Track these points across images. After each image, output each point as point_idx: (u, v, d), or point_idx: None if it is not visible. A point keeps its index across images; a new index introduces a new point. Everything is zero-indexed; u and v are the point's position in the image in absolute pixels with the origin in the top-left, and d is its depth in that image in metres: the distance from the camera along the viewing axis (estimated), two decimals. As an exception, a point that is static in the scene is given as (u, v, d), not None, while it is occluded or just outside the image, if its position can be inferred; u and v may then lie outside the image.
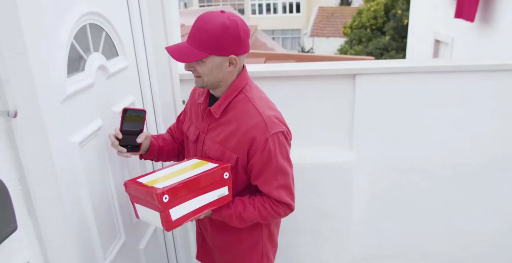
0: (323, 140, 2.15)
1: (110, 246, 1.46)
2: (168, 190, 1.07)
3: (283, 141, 1.25)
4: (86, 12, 1.25)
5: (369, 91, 1.99)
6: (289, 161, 1.30)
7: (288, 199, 1.28)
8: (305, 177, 2.14)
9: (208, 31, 1.14)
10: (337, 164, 2.11)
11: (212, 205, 1.20)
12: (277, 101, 2.09)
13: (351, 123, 2.08)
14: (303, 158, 2.13)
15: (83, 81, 1.25)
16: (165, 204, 1.06)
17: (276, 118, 1.25)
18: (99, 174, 1.38)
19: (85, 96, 1.27)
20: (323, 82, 2.00)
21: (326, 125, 2.12)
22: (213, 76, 1.21)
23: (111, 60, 1.47)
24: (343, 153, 2.15)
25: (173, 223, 1.10)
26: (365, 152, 2.13)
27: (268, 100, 1.33)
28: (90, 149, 1.30)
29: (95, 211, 1.32)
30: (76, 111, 1.22)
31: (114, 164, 1.47)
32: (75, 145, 1.20)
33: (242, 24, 1.18)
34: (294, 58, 4.87)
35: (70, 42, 1.18)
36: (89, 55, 1.31)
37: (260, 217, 1.27)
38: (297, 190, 2.16)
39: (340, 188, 2.17)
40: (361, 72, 1.94)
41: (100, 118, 1.36)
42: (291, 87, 2.03)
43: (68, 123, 1.17)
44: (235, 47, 1.17)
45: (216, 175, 1.18)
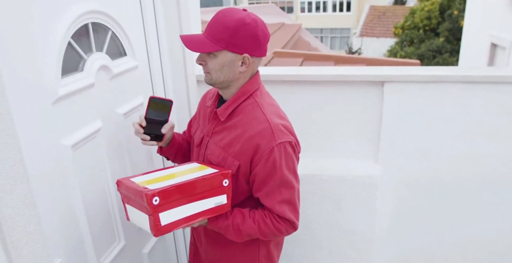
0: (346, 151, 2.00)
1: (107, 250, 1.42)
2: (159, 191, 0.98)
3: (290, 152, 1.15)
4: (86, 10, 1.21)
5: (398, 101, 1.80)
6: (295, 174, 1.20)
7: (292, 215, 1.18)
8: (325, 189, 2.00)
9: (224, 24, 1.09)
10: (360, 178, 1.95)
11: (207, 213, 1.11)
12: (296, 108, 2.00)
13: (378, 134, 1.91)
14: (323, 169, 1.99)
15: (80, 81, 1.21)
16: (155, 207, 0.98)
17: (285, 127, 1.16)
18: (97, 176, 1.33)
19: (83, 97, 1.23)
20: (348, 89, 1.84)
21: (349, 135, 1.96)
22: (223, 74, 1.14)
23: (117, 60, 1.42)
24: (368, 166, 1.98)
25: (161, 228, 1.02)
26: (391, 166, 1.94)
27: (279, 108, 1.24)
28: (86, 151, 1.26)
29: (88, 214, 1.28)
30: (72, 112, 1.18)
31: (115, 165, 1.42)
32: (67, 147, 1.16)
33: (262, 25, 1.13)
34: (333, 59, 4.67)
35: (67, 41, 1.14)
36: (90, 55, 1.27)
37: (260, 232, 1.17)
38: (316, 202, 2.04)
39: (362, 203, 2.00)
40: (390, 80, 1.76)
41: (100, 119, 1.32)
42: (313, 93, 1.89)
43: (60, 125, 1.13)
44: (251, 46, 1.11)
45: (215, 181, 1.10)
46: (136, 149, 1.55)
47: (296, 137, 1.22)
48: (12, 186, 0.87)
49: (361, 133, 1.93)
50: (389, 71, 1.79)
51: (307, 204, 2.05)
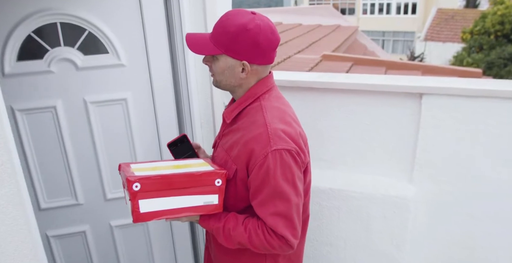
0: (377, 167, 1.83)
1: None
2: (141, 178, 0.99)
3: (287, 161, 1.05)
4: (51, 13, 1.49)
5: (439, 116, 1.60)
6: (294, 186, 1.08)
7: (286, 231, 1.07)
8: (352, 206, 1.85)
9: (226, 28, 1.06)
10: (391, 198, 1.77)
11: (194, 210, 1.08)
12: (325, 117, 1.86)
13: (413, 151, 1.72)
14: (351, 185, 1.85)
15: (35, 66, 1.55)
16: (134, 193, 0.99)
17: (286, 133, 1.07)
18: (49, 140, 1.65)
19: (40, 79, 1.57)
20: (382, 100, 1.68)
21: (382, 150, 1.79)
22: (225, 78, 1.13)
23: (93, 56, 1.60)
24: (400, 185, 1.79)
25: (140, 216, 1.02)
26: (427, 187, 1.74)
27: (285, 112, 1.14)
28: (40, 118, 1.60)
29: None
30: (25, 86, 1.55)
31: (74, 140, 1.67)
32: (19, 111, 1.55)
33: (268, 32, 1.06)
34: (385, 65, 4.39)
35: (25, 35, 1.49)
36: (55, 48, 1.56)
37: (250, 242, 1.10)
38: (342, 219, 1.90)
39: (392, 226, 1.82)
40: (429, 92, 1.57)
41: (61, 100, 1.61)
42: (343, 102, 1.76)
43: (13, 94, 1.52)
44: (251, 54, 1.06)
45: (205, 178, 1.06)
46: (108, 135, 1.73)
47: (300, 145, 1.10)
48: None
49: (395, 149, 1.76)
50: (428, 82, 1.60)
51: (332, 220, 1.92)
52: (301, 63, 4.55)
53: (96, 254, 1.86)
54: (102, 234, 1.83)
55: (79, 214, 1.77)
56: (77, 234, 1.81)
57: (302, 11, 11.50)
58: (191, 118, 1.78)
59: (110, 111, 1.68)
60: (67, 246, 1.82)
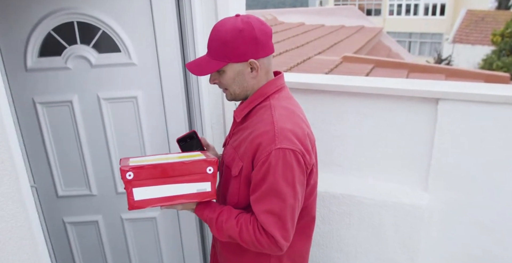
0: (390, 173, 1.77)
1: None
2: (133, 168, 1.04)
3: (290, 161, 1.04)
4: (68, 12, 1.55)
5: (455, 122, 1.53)
6: (293, 188, 1.06)
7: (276, 231, 1.06)
8: (363, 213, 1.80)
9: (221, 39, 1.08)
10: (404, 206, 1.71)
11: (188, 198, 1.11)
12: (338, 119, 1.81)
13: (428, 158, 1.65)
14: (363, 191, 1.80)
15: (54, 62, 1.61)
16: (128, 181, 1.05)
17: (292, 133, 1.07)
18: (67, 132, 1.71)
19: (59, 74, 1.63)
20: (396, 104, 1.62)
21: (396, 156, 1.73)
22: (238, 85, 1.14)
23: (106, 54, 1.63)
24: (414, 193, 1.73)
25: (135, 203, 1.07)
26: (443, 196, 1.67)
27: (294, 113, 1.14)
28: (58, 111, 1.68)
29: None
30: (46, 80, 1.63)
31: (90, 134, 1.72)
32: (40, 104, 1.64)
33: (259, 24, 1.09)
34: (407, 67, 4.26)
35: (47, 32, 1.57)
36: (72, 45, 1.61)
37: (240, 237, 1.10)
38: (352, 226, 1.85)
39: (404, 235, 1.76)
40: (446, 97, 1.50)
41: (77, 95, 1.67)
42: (356, 105, 1.71)
43: (35, 87, 1.62)
44: (253, 50, 1.08)
45: (196, 166, 1.09)
46: (119, 130, 1.75)
47: (307, 146, 1.09)
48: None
49: (409, 156, 1.70)
50: (445, 87, 1.53)
51: (343, 226, 1.87)
52: (321, 65, 4.49)
53: (107, 243, 1.92)
54: (113, 225, 1.89)
55: (92, 204, 1.83)
56: (90, 223, 1.88)
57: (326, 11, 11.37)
58: (201, 119, 1.77)
59: (121, 108, 1.71)
60: (82, 233, 1.90)
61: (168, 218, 1.90)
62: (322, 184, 1.87)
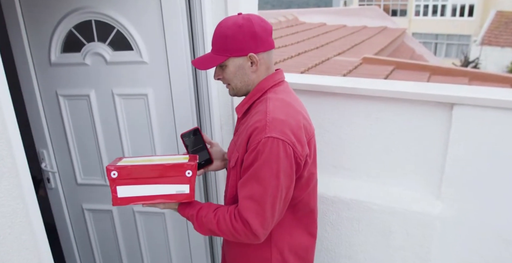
0: (401, 179, 1.71)
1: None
2: (118, 167, 1.13)
3: (278, 151, 1.05)
4: (87, 11, 1.62)
5: (471, 128, 1.47)
6: (276, 178, 1.07)
7: (252, 217, 1.08)
8: (372, 219, 1.76)
9: (222, 34, 1.14)
10: (415, 214, 1.66)
11: (167, 198, 1.17)
12: (347, 122, 1.78)
13: (442, 165, 1.59)
14: (372, 196, 1.75)
15: (74, 58, 1.70)
16: (112, 179, 1.13)
17: (284, 123, 1.08)
18: (84, 124, 1.80)
19: (78, 69, 1.72)
20: (409, 109, 1.57)
21: (407, 162, 1.67)
22: (239, 80, 1.19)
23: (120, 52, 1.67)
24: (426, 201, 1.67)
25: (118, 200, 1.15)
26: (456, 205, 1.60)
27: (290, 104, 1.16)
28: (78, 103, 1.76)
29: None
30: (67, 75, 1.73)
31: (105, 127, 1.78)
32: (62, 96, 1.75)
33: (259, 21, 1.15)
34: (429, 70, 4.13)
35: (68, 30, 1.67)
36: (90, 43, 1.67)
37: (218, 227, 1.14)
38: (361, 232, 1.80)
39: (415, 244, 1.70)
40: (461, 102, 1.43)
41: (94, 89, 1.74)
42: (368, 108, 1.66)
43: (58, 81, 1.73)
44: (252, 44, 1.13)
45: (176, 169, 1.15)
46: (131, 126, 1.80)
47: (300, 137, 1.10)
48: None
49: (422, 162, 1.64)
50: (461, 91, 1.46)
51: (352, 232, 1.83)
52: (339, 66, 4.42)
53: (120, 232, 1.99)
54: (126, 216, 1.94)
55: (107, 194, 1.86)
56: (105, 211, 1.95)
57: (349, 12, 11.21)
58: (210, 120, 1.77)
59: (133, 104, 1.75)
60: (98, 220, 2.00)
61: (176, 213, 1.91)
62: (331, 188, 1.83)
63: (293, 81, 1.78)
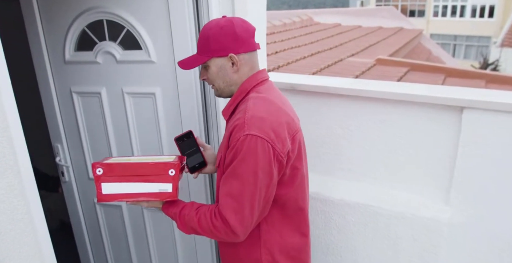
0: (409, 183, 1.68)
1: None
2: (103, 164, 1.17)
3: (255, 148, 1.05)
4: (99, 11, 1.65)
5: (481, 132, 1.42)
6: (254, 174, 1.06)
7: (231, 214, 1.08)
8: (379, 224, 1.73)
9: (204, 35, 1.17)
10: (423, 219, 1.62)
11: (150, 196, 1.19)
12: (355, 125, 1.75)
13: (451, 169, 1.55)
14: (380, 200, 1.72)
15: (86, 56, 1.74)
16: (97, 176, 1.17)
17: (263, 120, 1.08)
18: (96, 121, 1.84)
19: (90, 67, 1.75)
20: (417, 111, 1.53)
21: (416, 166, 1.64)
22: (221, 80, 1.20)
23: (130, 51, 1.69)
24: (435, 206, 1.63)
25: (103, 197, 1.19)
26: (466, 211, 1.56)
27: (272, 102, 1.15)
28: (90, 100, 1.80)
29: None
30: (80, 72, 1.77)
31: (116, 124, 1.81)
32: (75, 93, 1.81)
33: (241, 23, 1.16)
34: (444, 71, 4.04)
35: (81, 29, 1.71)
36: (102, 41, 1.70)
37: (199, 226, 1.14)
38: (368, 236, 1.77)
39: (422, 250, 1.67)
40: (471, 106, 1.39)
41: (105, 87, 1.77)
42: (376, 111, 1.63)
43: (71, 78, 1.78)
44: (233, 45, 1.15)
45: (158, 168, 1.17)
46: (140, 123, 1.81)
47: (280, 134, 1.09)
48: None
49: (430, 166, 1.60)
50: (471, 94, 1.42)
51: (358, 237, 1.80)
52: (352, 67, 4.37)
53: (130, 227, 2.02)
54: (134, 212, 1.97)
55: None
56: (115, 206, 1.98)
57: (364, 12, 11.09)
58: (217, 119, 1.77)
59: (142, 102, 1.78)
60: (109, 215, 2.03)
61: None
62: (337, 191, 1.81)
63: (299, 82, 1.77)
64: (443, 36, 21.38)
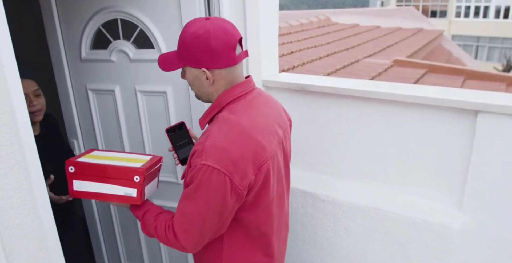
0: (421, 188, 1.64)
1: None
2: (75, 162, 1.23)
3: (209, 179, 1.01)
4: (113, 10, 1.68)
5: (496, 137, 1.38)
6: (206, 204, 1.04)
7: (181, 232, 1.09)
8: (388, 228, 1.69)
9: (182, 39, 1.09)
10: (434, 225, 1.58)
11: (116, 198, 1.24)
12: (366, 127, 1.72)
13: (465, 175, 1.51)
14: (389, 204, 1.69)
15: (101, 55, 1.78)
16: (69, 174, 1.24)
17: (223, 151, 1.02)
18: (110, 118, 1.89)
19: (104, 66, 1.80)
20: (430, 115, 1.50)
21: (428, 170, 1.60)
22: (197, 88, 1.15)
23: (143, 50, 1.71)
24: (447, 212, 1.59)
25: (74, 192, 1.26)
26: (480, 218, 1.51)
27: (240, 130, 1.06)
28: (104, 98, 1.84)
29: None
30: (95, 70, 1.81)
31: (129, 121, 1.86)
32: (90, 91, 1.84)
33: (220, 34, 1.04)
34: (464, 74, 3.94)
35: (97, 27, 1.75)
36: (116, 40, 1.74)
37: (156, 233, 1.17)
38: (377, 241, 1.74)
39: (433, 257, 1.63)
40: (486, 109, 1.35)
41: (119, 85, 1.81)
42: (387, 113, 1.60)
43: (87, 76, 1.83)
44: (207, 60, 1.06)
45: (124, 173, 1.21)
46: (152, 121, 1.84)
47: (241, 167, 1.03)
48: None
49: (443, 171, 1.56)
50: (486, 98, 1.38)
51: (367, 241, 1.77)
52: (368, 68, 4.31)
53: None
54: None
55: None
56: None
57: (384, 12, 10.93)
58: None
59: (153, 101, 1.80)
60: (122, 211, 2.07)
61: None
62: (347, 194, 1.79)
63: (309, 83, 1.75)
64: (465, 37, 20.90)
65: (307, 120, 1.83)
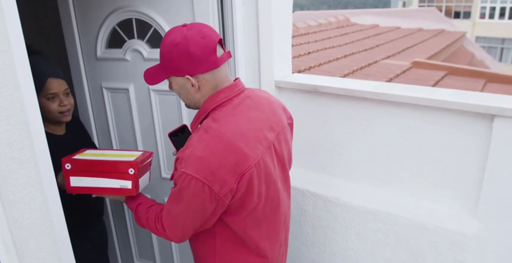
0: (433, 193, 1.60)
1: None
2: (71, 160, 1.29)
3: (187, 187, 1.03)
4: (128, 10, 1.70)
5: (513, 143, 1.33)
6: (187, 209, 1.09)
7: (168, 225, 1.16)
8: (399, 234, 1.66)
9: (161, 51, 1.09)
10: (447, 232, 1.54)
11: (112, 191, 1.31)
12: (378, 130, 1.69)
13: (480, 181, 1.46)
14: (401, 209, 1.65)
15: (116, 54, 1.81)
16: (66, 171, 1.30)
17: (202, 161, 1.02)
18: (124, 116, 1.92)
19: (119, 65, 1.83)
20: (444, 118, 1.46)
21: (442, 175, 1.56)
22: (185, 97, 1.15)
23: (156, 49, 1.71)
24: (460, 219, 1.54)
25: (71, 188, 1.32)
26: (495, 226, 1.47)
27: (220, 140, 1.04)
28: (119, 96, 1.87)
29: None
30: (110, 69, 1.84)
31: (142, 119, 1.89)
32: (105, 89, 1.88)
33: (198, 38, 1.03)
34: (485, 76, 3.83)
35: (112, 27, 1.78)
36: (131, 39, 1.76)
37: (147, 224, 1.24)
38: (388, 246, 1.72)
39: (445, 263, 1.59)
40: (503, 114, 1.30)
41: (133, 84, 1.84)
42: (401, 116, 1.57)
43: (102, 74, 1.85)
44: (189, 66, 1.05)
45: (119, 166, 1.28)
46: (164, 120, 1.86)
47: (221, 176, 1.02)
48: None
49: (457, 176, 1.52)
50: (503, 102, 1.33)
51: (378, 245, 1.74)
52: (386, 70, 4.25)
53: None
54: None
55: None
56: None
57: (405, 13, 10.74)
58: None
59: (166, 100, 1.82)
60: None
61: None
62: (358, 197, 1.76)
63: (322, 84, 1.73)
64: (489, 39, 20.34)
65: (319, 121, 1.81)
